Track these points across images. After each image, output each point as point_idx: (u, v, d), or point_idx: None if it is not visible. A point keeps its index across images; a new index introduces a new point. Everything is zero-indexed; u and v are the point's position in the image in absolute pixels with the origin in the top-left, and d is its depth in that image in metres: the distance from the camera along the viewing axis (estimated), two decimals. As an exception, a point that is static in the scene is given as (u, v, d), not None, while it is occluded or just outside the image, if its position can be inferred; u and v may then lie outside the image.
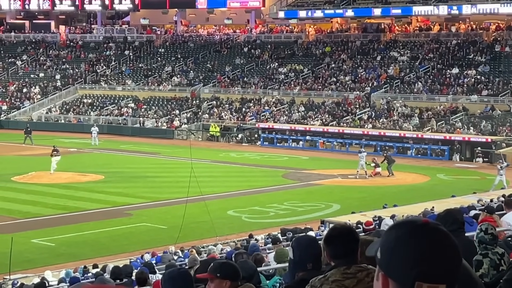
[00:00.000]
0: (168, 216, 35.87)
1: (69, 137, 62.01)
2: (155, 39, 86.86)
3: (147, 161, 55.06)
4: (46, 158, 49.63)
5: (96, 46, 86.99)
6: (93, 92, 78.06)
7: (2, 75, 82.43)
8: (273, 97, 70.80)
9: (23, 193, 41.12)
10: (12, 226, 33.59)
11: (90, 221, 34.85)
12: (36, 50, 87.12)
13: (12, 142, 61.94)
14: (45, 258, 28.13)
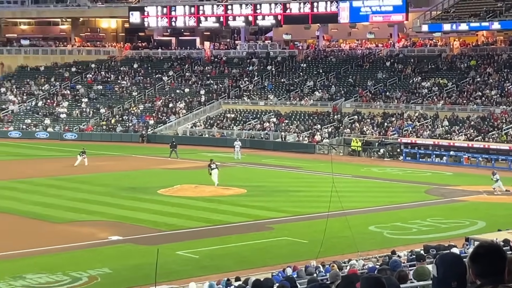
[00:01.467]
0: (309, 230, 35.85)
1: (212, 151, 63.05)
2: (297, 54, 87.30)
3: (289, 175, 55.30)
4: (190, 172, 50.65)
5: (240, 62, 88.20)
6: (236, 107, 79.12)
7: (150, 90, 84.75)
8: (416, 111, 69.87)
9: (169, 206, 42.02)
10: (158, 238, 34.39)
11: (233, 234, 35.25)
12: (181, 66, 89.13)
13: (158, 155, 63.51)
14: (189, 270, 28.63)
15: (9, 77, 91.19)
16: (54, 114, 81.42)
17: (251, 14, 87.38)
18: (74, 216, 39.46)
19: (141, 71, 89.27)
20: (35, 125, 79.27)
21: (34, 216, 39.30)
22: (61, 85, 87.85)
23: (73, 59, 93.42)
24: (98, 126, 78.58)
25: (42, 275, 27.90)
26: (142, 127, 76.71)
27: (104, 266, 29.35)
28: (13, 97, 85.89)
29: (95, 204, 42.54)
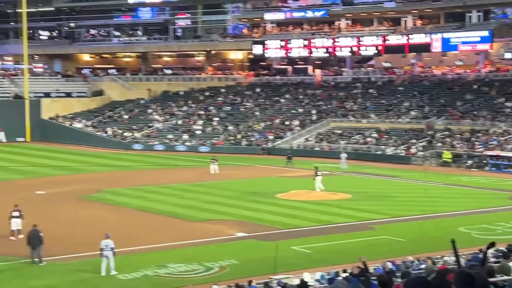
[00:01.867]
0: (406, 230, 35.37)
1: (322, 162, 62.77)
2: (395, 79, 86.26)
3: (387, 182, 54.64)
4: (303, 180, 50.69)
5: (345, 86, 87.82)
6: (342, 124, 78.68)
7: (269, 110, 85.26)
8: (500, 128, 67.90)
9: (285, 208, 42.16)
10: (277, 235, 34.56)
11: (339, 233, 35.10)
12: (296, 90, 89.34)
13: (276, 165, 63.87)
14: (303, 263, 28.63)
15: (155, 100, 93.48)
16: (191, 130, 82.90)
17: (355, 45, 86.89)
18: (207, 215, 40.07)
19: (263, 94, 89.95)
20: (175, 139, 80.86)
21: (174, 215, 40.11)
22: (196, 107, 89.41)
23: (206, 85, 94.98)
24: (227, 141, 79.52)
25: (181, 265, 28.44)
26: (263, 141, 77.21)
27: (232, 258, 29.69)
28: (158, 116, 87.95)
29: (224, 205, 43.08)
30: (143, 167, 64.69)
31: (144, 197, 46.13)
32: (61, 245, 31.76)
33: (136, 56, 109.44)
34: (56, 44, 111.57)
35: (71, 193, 48.04)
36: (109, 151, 76.87)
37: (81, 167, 63.36)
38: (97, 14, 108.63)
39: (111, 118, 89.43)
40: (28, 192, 48.26)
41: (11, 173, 58.51)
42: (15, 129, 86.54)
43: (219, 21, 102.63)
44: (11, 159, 68.78)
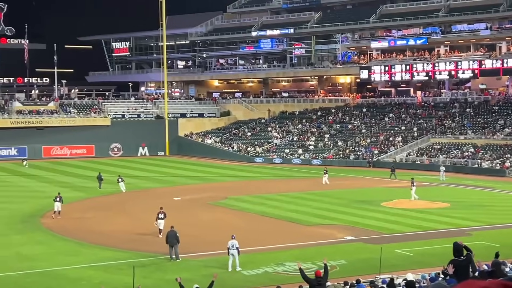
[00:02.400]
0: (501, 236, 33.95)
1: (423, 174, 61.35)
2: (490, 99, 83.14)
3: (484, 193, 52.64)
4: (406, 190, 49.69)
5: (444, 106, 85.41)
6: (441, 140, 76.51)
7: (375, 128, 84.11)
8: None
9: (389, 215, 41.43)
10: (382, 239, 33.98)
11: (439, 238, 34.12)
12: (399, 109, 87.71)
13: (381, 177, 62.86)
14: (405, 264, 28.02)
15: (274, 120, 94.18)
16: (305, 146, 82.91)
17: (453, 69, 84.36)
18: (319, 220, 39.92)
19: (368, 114, 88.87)
20: (291, 153, 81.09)
21: (290, 220, 40.19)
22: (310, 125, 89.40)
23: (318, 106, 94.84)
24: (336, 155, 78.98)
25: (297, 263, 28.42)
26: (369, 155, 76.18)
27: (341, 258, 29.43)
28: (276, 133, 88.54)
29: (334, 212, 42.79)
30: (264, 177, 65.22)
31: (264, 204, 46.45)
32: (194, 244, 32.44)
33: (258, 81, 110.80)
34: (191, 72, 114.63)
35: (203, 200, 49.03)
36: (234, 164, 77.98)
37: (211, 177, 64.60)
38: (225, 46, 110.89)
39: (236, 135, 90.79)
40: (167, 198, 49.63)
41: (154, 182, 60.38)
42: (157, 144, 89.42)
43: (330, 49, 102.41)
44: (153, 170, 71.00)
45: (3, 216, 41.46)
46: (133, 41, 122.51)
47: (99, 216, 42.41)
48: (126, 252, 31.12)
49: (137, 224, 39.49)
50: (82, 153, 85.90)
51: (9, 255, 30.71)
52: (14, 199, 48.76)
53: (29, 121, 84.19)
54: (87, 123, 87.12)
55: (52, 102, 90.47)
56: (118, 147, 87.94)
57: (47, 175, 66.03)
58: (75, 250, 31.87)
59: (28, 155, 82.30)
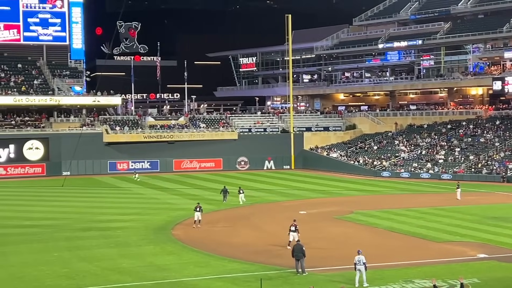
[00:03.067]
0: None
1: None
2: None
3: None
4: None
5: None
6: None
7: (509, 141, 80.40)
8: None
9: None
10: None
11: None
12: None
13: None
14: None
15: (401, 133, 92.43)
16: (434, 159, 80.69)
17: None
18: (449, 237, 38.73)
19: (502, 126, 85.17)
20: (419, 168, 79.17)
21: (419, 236, 39.25)
22: (439, 138, 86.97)
23: (448, 119, 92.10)
24: (468, 169, 76.24)
25: (426, 281, 27.70)
26: (503, 170, 72.91)
27: (473, 277, 28.40)
28: (404, 147, 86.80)
29: (466, 228, 41.34)
30: (391, 192, 64.12)
31: (392, 219, 45.64)
32: (320, 258, 32.43)
33: (384, 94, 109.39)
34: (316, 86, 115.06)
35: (328, 214, 48.92)
36: (360, 178, 77.22)
37: (336, 191, 64.35)
38: (351, 59, 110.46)
39: (362, 148, 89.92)
40: (293, 212, 49.91)
41: (279, 195, 60.97)
42: (282, 158, 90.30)
43: (460, 60, 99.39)
44: (279, 183, 71.71)
45: (137, 227, 43.40)
46: (260, 56, 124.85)
47: (227, 228, 43.37)
48: (253, 265, 31.62)
49: (263, 237, 40.02)
50: (211, 166, 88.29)
51: (143, 265, 32.08)
52: (147, 211, 50.90)
53: (161, 135, 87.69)
54: (215, 137, 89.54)
55: (182, 117, 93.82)
56: (245, 160, 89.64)
57: (178, 187, 68.42)
58: (204, 261, 32.77)
59: (160, 168, 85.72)
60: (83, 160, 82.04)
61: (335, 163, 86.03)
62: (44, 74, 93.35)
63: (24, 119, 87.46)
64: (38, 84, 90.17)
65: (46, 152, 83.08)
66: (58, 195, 62.50)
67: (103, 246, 36.94)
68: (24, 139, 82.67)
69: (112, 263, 32.32)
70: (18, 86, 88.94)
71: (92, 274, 30.02)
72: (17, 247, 36.91)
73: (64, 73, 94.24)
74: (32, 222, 45.99)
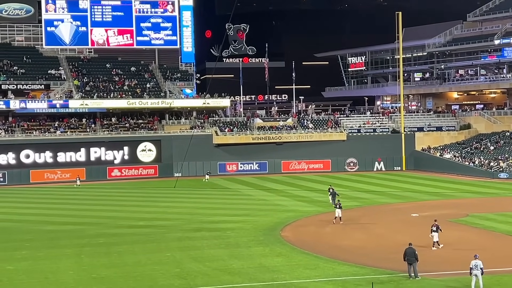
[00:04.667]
0: None
1: None
2: None
3: None
4: None
5: None
6: None
7: None
8: None
9: None
10: None
11: None
12: None
13: None
14: None
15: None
16: (556, 160, 76.88)
17: None
18: None
19: None
20: (540, 169, 75.66)
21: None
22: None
23: None
24: None
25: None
26: None
27: None
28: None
29: None
30: (509, 194, 61.61)
31: (510, 223, 43.82)
32: (434, 262, 31.65)
33: (501, 92, 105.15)
34: (428, 84, 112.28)
35: (442, 216, 47.50)
36: (476, 179, 74.66)
37: (450, 193, 62.56)
38: (465, 56, 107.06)
39: (478, 149, 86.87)
40: (405, 214, 49.04)
41: (390, 197, 60.01)
42: (393, 159, 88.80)
43: None
44: (390, 185, 70.56)
45: (246, 228, 43.99)
46: (369, 55, 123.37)
47: (336, 230, 43.15)
48: (363, 268, 31.29)
49: (374, 240, 39.52)
50: (319, 167, 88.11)
51: (253, 266, 32.47)
52: (256, 212, 51.48)
53: (269, 136, 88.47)
54: (323, 138, 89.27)
55: (290, 118, 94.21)
56: (354, 161, 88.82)
57: (286, 189, 68.78)
58: (314, 263, 32.75)
59: (268, 170, 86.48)
60: (194, 162, 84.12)
61: (449, 164, 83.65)
62: (156, 78, 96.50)
63: (137, 121, 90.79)
64: (150, 87, 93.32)
65: (159, 154, 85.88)
66: (170, 196, 64.37)
67: (213, 246, 37.69)
68: (137, 141, 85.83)
69: (222, 264, 32.93)
70: (132, 89, 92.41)
71: (203, 274, 30.71)
72: (131, 246, 38.31)
73: (175, 76, 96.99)
74: (145, 222, 47.62)
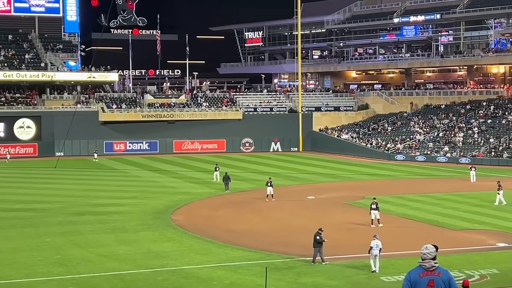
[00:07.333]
0: None
1: None
2: None
3: None
4: None
5: None
6: None
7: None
8: None
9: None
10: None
11: None
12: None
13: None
14: None
15: (417, 114, 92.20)
16: (451, 142, 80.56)
17: None
18: (467, 224, 38.70)
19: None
20: (436, 151, 79.09)
21: (435, 223, 39.22)
22: (457, 120, 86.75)
23: (467, 99, 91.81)
24: (488, 153, 76.12)
25: (442, 271, 27.60)
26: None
27: (492, 267, 28.35)
28: (419, 129, 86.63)
29: (485, 216, 41.29)
30: (405, 176, 64.06)
31: (406, 205, 45.61)
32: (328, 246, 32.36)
33: (399, 72, 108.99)
34: (327, 63, 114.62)
35: (339, 199, 48.91)
36: (373, 161, 77.15)
37: (347, 175, 64.31)
38: (364, 34, 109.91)
39: (375, 130, 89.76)
40: (301, 196, 49.98)
41: (286, 179, 60.97)
42: (290, 139, 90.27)
43: (481, 36, 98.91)
44: (286, 166, 71.70)
45: (135, 212, 43.48)
46: (266, 31, 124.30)
47: (230, 213, 43.41)
48: (258, 252, 31.63)
49: (269, 224, 40.04)
50: (213, 148, 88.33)
51: (140, 251, 32.12)
52: (146, 195, 50.97)
53: (160, 114, 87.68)
54: (218, 116, 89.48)
55: (183, 95, 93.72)
56: (250, 142, 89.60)
57: (178, 170, 68.48)
58: (206, 248, 32.80)
59: (159, 150, 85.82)
60: (77, 140, 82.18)
61: (346, 145, 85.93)
62: (36, 48, 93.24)
63: (14, 95, 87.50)
64: (29, 59, 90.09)
65: (38, 131, 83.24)
66: (50, 177, 62.65)
67: (98, 231, 37.02)
68: (14, 117, 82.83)
69: (107, 250, 32.38)
70: (9, 60, 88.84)
71: (86, 261, 30.08)
72: (7, 231, 37.02)
73: (57, 47, 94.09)
74: (22, 205, 46.13)
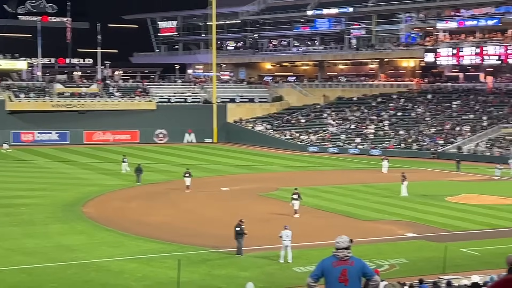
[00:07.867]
0: None
1: (492, 167, 59.64)
2: None
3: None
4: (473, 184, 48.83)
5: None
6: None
7: (440, 116, 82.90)
8: None
9: (454, 211, 40.86)
10: (446, 236, 33.59)
11: (509, 237, 33.49)
12: (467, 96, 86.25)
13: (446, 170, 62.01)
14: (472, 264, 27.66)
15: (330, 106, 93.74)
16: (363, 134, 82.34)
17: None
18: (378, 215, 39.69)
19: (434, 100, 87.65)
20: (348, 143, 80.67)
21: (347, 214, 40.06)
22: (369, 112, 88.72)
23: (379, 91, 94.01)
24: (398, 145, 78.24)
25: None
26: (433, 146, 75.20)
27: (401, 257, 29.22)
28: (332, 121, 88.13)
29: (394, 207, 42.45)
30: (318, 168, 65.06)
31: (319, 196, 46.38)
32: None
33: (313, 65, 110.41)
34: (241, 54, 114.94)
35: (252, 191, 49.24)
36: (287, 153, 77.99)
37: (261, 167, 64.79)
38: (279, 26, 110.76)
39: (289, 122, 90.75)
40: (215, 188, 50.06)
41: (200, 171, 60.83)
42: (204, 131, 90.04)
43: (392, 30, 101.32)
44: (200, 158, 71.59)
45: (43, 204, 42.49)
46: (181, 20, 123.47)
47: (143, 206, 43.03)
48: (171, 245, 31.53)
49: (182, 215, 39.95)
50: (126, 138, 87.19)
51: (49, 245, 31.47)
52: (55, 187, 49.87)
53: (71, 104, 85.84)
54: (131, 107, 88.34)
55: (94, 84, 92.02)
56: (164, 133, 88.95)
57: (89, 161, 67.29)
58: (118, 241, 32.44)
59: (69, 140, 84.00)
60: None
61: (260, 137, 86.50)
62: None
63: None
64: None
65: None
66: (-46, 169, 60.41)
67: (4, 224, 36.05)
68: None
69: (14, 243, 31.59)
70: None
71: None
72: None
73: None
74: None
